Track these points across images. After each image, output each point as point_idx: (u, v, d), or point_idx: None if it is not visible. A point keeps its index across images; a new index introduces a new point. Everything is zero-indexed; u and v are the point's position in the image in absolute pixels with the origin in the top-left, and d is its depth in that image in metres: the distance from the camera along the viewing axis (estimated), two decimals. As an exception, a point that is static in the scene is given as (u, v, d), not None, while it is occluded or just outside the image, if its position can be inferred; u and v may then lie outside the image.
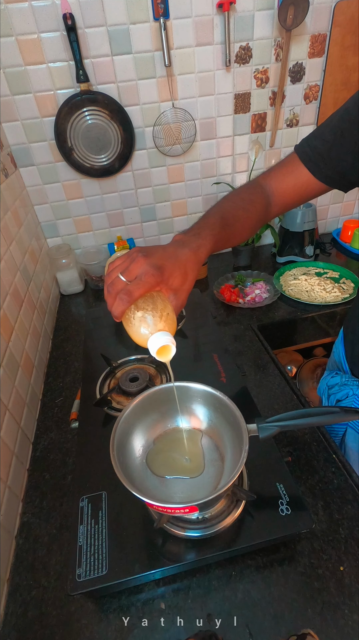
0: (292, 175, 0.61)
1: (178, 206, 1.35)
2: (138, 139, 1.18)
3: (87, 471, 0.63)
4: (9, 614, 0.53)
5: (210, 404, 0.60)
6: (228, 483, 0.46)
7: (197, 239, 0.51)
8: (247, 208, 0.60)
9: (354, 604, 0.50)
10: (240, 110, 1.21)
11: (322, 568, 0.53)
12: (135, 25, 1.01)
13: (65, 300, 1.30)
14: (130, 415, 0.57)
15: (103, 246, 1.37)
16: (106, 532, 0.54)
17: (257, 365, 0.92)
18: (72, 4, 0.95)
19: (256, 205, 0.61)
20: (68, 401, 0.87)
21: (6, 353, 0.77)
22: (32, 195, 1.21)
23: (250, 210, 0.60)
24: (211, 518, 0.54)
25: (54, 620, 0.52)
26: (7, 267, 0.87)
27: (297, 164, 0.60)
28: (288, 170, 0.62)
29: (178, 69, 1.10)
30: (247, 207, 0.60)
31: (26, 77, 1.02)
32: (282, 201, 0.64)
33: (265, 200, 0.62)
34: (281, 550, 0.56)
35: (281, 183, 0.63)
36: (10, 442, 0.70)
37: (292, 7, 1.04)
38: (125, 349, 0.92)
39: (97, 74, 1.06)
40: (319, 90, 1.23)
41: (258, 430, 0.52)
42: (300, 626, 0.48)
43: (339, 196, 1.48)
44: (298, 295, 1.16)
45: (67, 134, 1.11)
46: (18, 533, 0.63)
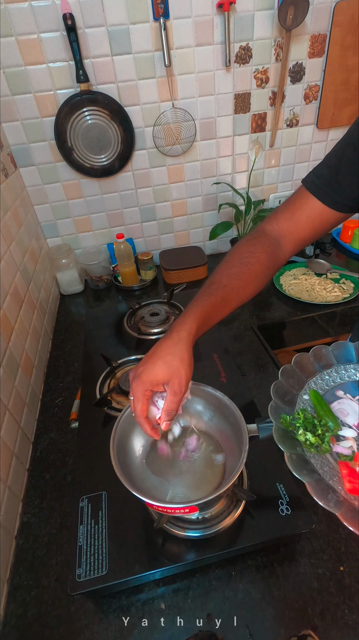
0: (303, 209, 0.59)
1: (178, 206, 1.35)
2: (138, 139, 1.18)
3: (87, 471, 0.63)
4: (9, 614, 0.53)
5: (210, 404, 0.60)
6: (228, 483, 0.46)
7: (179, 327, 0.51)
8: (245, 262, 0.57)
9: (354, 604, 0.50)
10: (240, 110, 1.21)
11: (322, 568, 0.53)
12: (135, 25, 1.01)
13: (65, 300, 1.30)
14: (130, 416, 0.57)
15: (103, 246, 1.37)
16: (106, 532, 0.54)
17: (257, 365, 0.92)
18: (72, 4, 0.95)
19: (256, 255, 0.58)
20: (68, 401, 0.87)
21: (6, 353, 0.77)
22: (32, 195, 1.21)
23: (249, 262, 0.58)
24: (211, 518, 0.54)
25: (54, 620, 0.52)
26: (7, 267, 0.87)
27: (307, 196, 0.58)
28: (298, 205, 0.60)
29: (178, 69, 1.10)
30: (245, 261, 0.58)
31: (26, 77, 1.02)
32: (296, 239, 0.61)
33: (269, 247, 0.59)
34: (281, 550, 0.56)
35: (291, 221, 0.60)
36: (10, 442, 0.70)
37: (292, 7, 1.03)
38: (125, 349, 0.92)
39: (97, 74, 1.06)
40: (319, 90, 1.23)
41: (258, 430, 0.52)
42: (300, 626, 0.48)
43: (339, 196, 1.48)
44: (298, 295, 1.16)
45: (67, 134, 1.11)
46: (18, 533, 0.63)
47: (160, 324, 0.97)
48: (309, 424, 0.43)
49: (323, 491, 0.37)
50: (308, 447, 0.42)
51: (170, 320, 0.98)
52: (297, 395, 0.49)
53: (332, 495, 0.36)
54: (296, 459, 0.40)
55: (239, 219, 1.30)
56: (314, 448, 0.42)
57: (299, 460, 0.40)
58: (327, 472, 0.40)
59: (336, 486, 0.38)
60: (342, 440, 0.44)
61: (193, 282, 1.30)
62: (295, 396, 0.49)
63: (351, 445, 0.43)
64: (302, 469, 0.39)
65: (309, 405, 0.48)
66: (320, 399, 0.48)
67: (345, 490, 0.37)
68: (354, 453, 0.42)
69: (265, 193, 1.41)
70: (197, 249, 1.40)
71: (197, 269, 1.30)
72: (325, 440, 0.42)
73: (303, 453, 0.41)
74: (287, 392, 0.49)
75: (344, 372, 0.52)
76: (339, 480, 0.39)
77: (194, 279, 1.31)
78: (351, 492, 0.37)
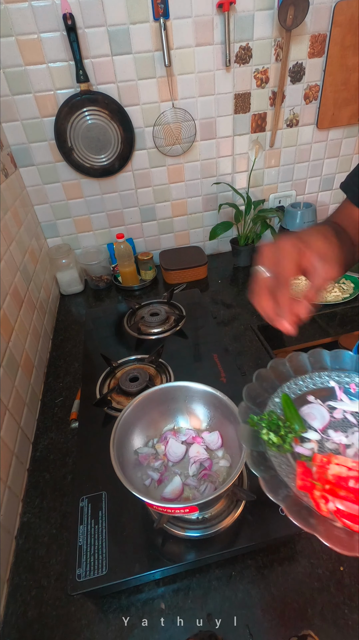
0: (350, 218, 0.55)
1: (178, 206, 1.35)
2: (138, 139, 1.18)
3: (87, 471, 0.63)
4: (9, 614, 0.53)
5: (210, 404, 0.60)
6: (228, 483, 0.46)
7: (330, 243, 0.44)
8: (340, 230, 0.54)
9: (354, 604, 0.50)
10: (240, 110, 1.21)
11: (322, 568, 0.53)
12: (135, 25, 1.01)
13: (65, 300, 1.30)
14: (130, 415, 0.57)
15: (103, 246, 1.37)
16: (106, 532, 0.54)
17: (257, 365, 0.91)
18: (72, 4, 0.95)
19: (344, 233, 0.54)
20: (68, 401, 0.87)
21: (6, 353, 0.77)
22: (32, 195, 1.21)
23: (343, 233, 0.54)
24: (211, 518, 0.54)
25: (53, 620, 0.52)
26: (7, 267, 0.87)
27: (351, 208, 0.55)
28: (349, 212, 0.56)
29: (178, 69, 1.10)
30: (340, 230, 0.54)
31: (26, 77, 1.02)
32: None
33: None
34: (281, 550, 0.56)
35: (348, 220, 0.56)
36: (10, 442, 0.70)
37: (292, 7, 1.03)
38: (125, 349, 0.92)
39: (97, 74, 1.06)
40: (319, 90, 1.23)
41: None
42: (300, 626, 0.48)
43: (339, 196, 1.48)
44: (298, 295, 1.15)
45: (67, 134, 1.11)
46: (18, 533, 0.63)
47: (160, 324, 0.97)
48: (274, 425, 0.45)
49: (275, 486, 0.38)
50: (271, 446, 0.44)
51: (170, 320, 0.98)
52: (269, 398, 0.50)
53: (283, 491, 0.38)
54: (257, 456, 0.42)
55: (239, 219, 1.30)
56: (276, 447, 0.44)
57: (260, 457, 0.42)
58: (284, 470, 0.42)
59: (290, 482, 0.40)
60: (306, 442, 0.47)
61: (193, 282, 1.30)
62: (267, 398, 0.50)
63: (312, 447, 0.45)
64: (260, 465, 0.41)
65: (279, 407, 0.50)
66: (289, 403, 0.49)
67: (296, 487, 0.39)
68: (313, 454, 0.44)
69: (265, 193, 1.41)
70: (197, 249, 1.40)
71: (197, 269, 1.30)
72: (287, 440, 0.44)
73: (264, 451, 0.43)
74: (259, 395, 0.50)
75: (318, 378, 0.54)
76: (293, 478, 0.41)
77: (194, 279, 1.31)
78: (301, 488, 0.39)
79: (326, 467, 0.41)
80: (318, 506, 0.37)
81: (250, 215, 1.30)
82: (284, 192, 1.42)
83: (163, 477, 0.55)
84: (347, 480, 0.39)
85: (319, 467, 0.41)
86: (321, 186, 1.45)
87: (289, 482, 0.40)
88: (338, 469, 0.40)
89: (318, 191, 1.46)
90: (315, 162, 1.38)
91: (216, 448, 0.58)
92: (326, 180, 1.44)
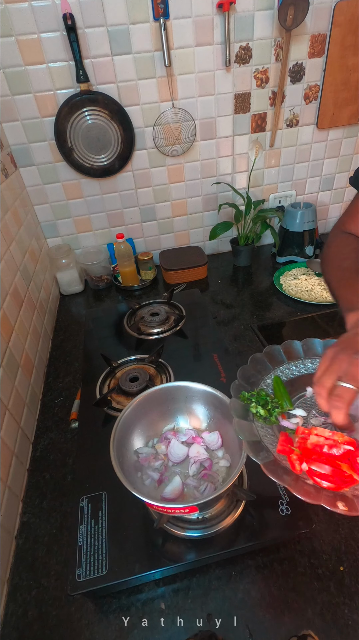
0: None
1: (178, 206, 1.35)
2: (138, 139, 1.18)
3: (87, 471, 0.63)
4: (9, 614, 0.53)
5: (210, 404, 0.60)
6: (228, 483, 0.46)
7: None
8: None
9: (354, 604, 0.50)
10: (240, 110, 1.21)
11: (322, 568, 0.53)
12: (135, 25, 1.01)
13: (65, 300, 1.30)
14: (130, 415, 0.57)
15: (103, 246, 1.37)
16: (106, 532, 0.54)
17: (257, 365, 0.91)
18: (72, 4, 0.95)
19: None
20: (68, 401, 0.87)
21: (6, 353, 0.77)
22: (32, 195, 1.21)
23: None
24: (211, 518, 0.54)
25: (54, 620, 0.52)
26: (7, 267, 0.87)
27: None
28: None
29: (178, 69, 1.10)
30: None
31: (26, 77, 1.02)
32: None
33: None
34: (281, 550, 0.56)
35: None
36: (10, 442, 0.70)
37: (292, 7, 1.03)
38: (125, 349, 0.92)
39: (97, 74, 1.06)
40: (319, 90, 1.23)
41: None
42: (300, 626, 0.48)
43: (339, 196, 1.48)
44: (299, 295, 1.16)
45: (67, 134, 1.11)
46: (18, 533, 0.63)
47: (160, 324, 0.97)
48: (262, 400, 0.51)
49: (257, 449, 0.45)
50: (258, 418, 0.50)
51: (170, 320, 0.98)
52: (262, 379, 0.56)
53: (264, 453, 0.44)
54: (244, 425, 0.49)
55: (239, 219, 1.30)
56: (262, 419, 0.50)
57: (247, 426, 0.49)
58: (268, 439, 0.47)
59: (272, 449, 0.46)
60: (292, 417, 0.52)
61: (193, 282, 1.30)
62: (259, 380, 0.55)
63: (297, 422, 0.51)
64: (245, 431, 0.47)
65: (271, 388, 0.55)
66: (280, 383, 0.54)
67: (276, 451, 0.45)
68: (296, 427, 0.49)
69: (265, 193, 1.41)
70: (197, 249, 1.40)
71: (197, 269, 1.30)
72: (273, 414, 0.50)
73: (252, 421, 0.50)
74: (252, 375, 0.56)
75: (310, 364, 0.58)
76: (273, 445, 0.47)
77: (194, 279, 1.31)
78: (280, 452, 0.45)
79: (307, 437, 0.46)
80: (293, 466, 0.43)
81: (250, 215, 1.30)
82: (284, 192, 1.42)
83: (163, 477, 0.55)
84: (322, 447, 0.44)
85: (301, 439, 0.46)
86: (321, 186, 1.45)
87: (271, 448, 0.46)
88: (316, 438, 0.45)
89: (318, 191, 1.46)
90: (315, 162, 1.38)
91: (216, 448, 0.58)
92: (326, 180, 1.44)
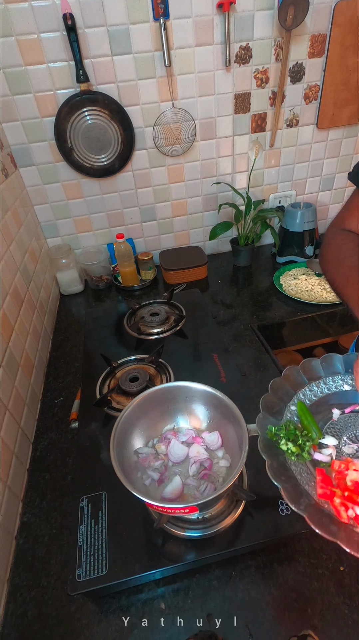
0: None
1: (178, 206, 1.35)
2: (138, 139, 1.18)
3: (87, 471, 0.63)
4: (9, 614, 0.53)
5: (210, 404, 0.60)
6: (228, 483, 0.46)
7: None
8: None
9: (354, 604, 0.50)
10: (240, 110, 1.21)
11: (322, 568, 0.53)
12: (135, 26, 1.01)
13: (65, 300, 1.30)
14: (130, 415, 0.57)
15: (103, 246, 1.37)
16: (106, 532, 0.54)
17: (257, 365, 0.91)
18: (72, 4, 0.95)
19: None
20: (68, 401, 0.87)
21: (6, 353, 0.77)
22: (32, 195, 1.21)
23: None
24: (211, 518, 0.54)
25: (54, 620, 0.52)
26: (7, 267, 0.87)
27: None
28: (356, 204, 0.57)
29: (178, 69, 1.10)
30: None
31: (26, 77, 1.02)
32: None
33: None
34: (281, 550, 0.56)
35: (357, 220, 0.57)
36: (10, 442, 0.70)
37: (292, 7, 1.03)
38: (125, 349, 0.92)
39: (97, 74, 1.06)
40: (319, 90, 1.23)
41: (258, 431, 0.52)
42: (300, 626, 0.48)
43: (339, 196, 1.48)
44: (298, 295, 1.16)
45: (67, 134, 1.11)
46: (18, 533, 0.63)
47: (160, 324, 0.97)
48: (292, 434, 0.46)
49: (296, 496, 0.40)
50: (289, 455, 0.45)
51: (170, 320, 0.98)
52: (285, 406, 0.52)
53: (304, 500, 0.39)
54: (277, 467, 0.43)
55: (239, 219, 1.30)
56: (295, 456, 0.45)
57: (280, 468, 0.43)
58: (304, 478, 0.43)
59: (311, 491, 0.41)
60: (324, 447, 0.47)
61: (193, 282, 1.30)
62: (283, 407, 0.52)
63: (330, 453, 0.46)
64: (281, 475, 0.42)
65: (296, 415, 0.50)
66: (305, 410, 0.50)
67: (317, 495, 0.40)
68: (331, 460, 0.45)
69: (265, 193, 1.41)
70: (197, 249, 1.40)
71: (197, 269, 1.30)
72: (305, 449, 0.45)
73: (284, 461, 0.45)
74: (275, 404, 0.52)
75: (332, 383, 0.54)
76: (313, 486, 0.42)
77: (194, 279, 1.31)
78: (322, 497, 0.40)
79: (345, 473, 0.42)
80: (339, 513, 0.38)
81: (250, 215, 1.30)
82: (284, 192, 1.42)
83: (163, 477, 0.55)
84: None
85: (338, 474, 0.42)
86: (321, 186, 1.45)
87: (310, 490, 0.41)
88: (356, 474, 0.41)
89: (318, 191, 1.46)
90: (315, 162, 1.38)
91: (216, 448, 0.58)
92: (326, 180, 1.44)
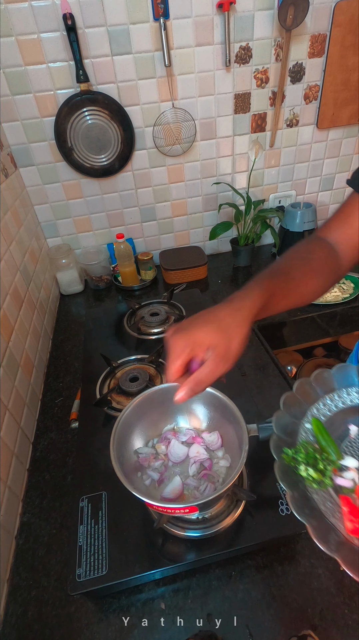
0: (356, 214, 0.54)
1: (178, 206, 1.35)
2: (138, 139, 1.18)
3: (87, 471, 0.63)
4: (9, 614, 0.53)
5: (210, 404, 0.60)
6: (228, 483, 0.46)
7: (244, 296, 0.47)
8: (304, 257, 0.54)
9: (354, 604, 0.50)
10: (240, 110, 1.21)
11: (322, 568, 0.53)
12: (135, 26, 1.01)
13: (65, 300, 1.30)
14: (130, 415, 0.57)
15: (103, 246, 1.37)
16: (106, 532, 0.54)
17: (257, 365, 0.91)
18: (72, 4, 0.95)
19: (315, 253, 0.54)
20: (68, 401, 0.87)
21: (6, 353, 0.77)
22: (32, 195, 1.21)
23: (308, 258, 0.54)
24: (211, 518, 0.54)
25: (54, 620, 0.52)
26: (7, 267, 0.87)
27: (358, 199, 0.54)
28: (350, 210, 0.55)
29: (178, 69, 1.10)
30: (303, 256, 0.54)
31: (26, 77, 1.02)
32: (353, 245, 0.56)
33: (326, 248, 0.55)
34: (281, 550, 0.56)
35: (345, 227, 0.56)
36: (10, 442, 0.70)
37: (292, 7, 1.03)
38: (125, 349, 0.92)
39: (97, 74, 1.06)
40: (319, 90, 1.23)
41: (258, 431, 0.52)
42: (300, 626, 0.48)
43: (339, 196, 1.48)
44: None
45: (67, 134, 1.11)
46: (18, 533, 0.63)
47: (160, 324, 0.97)
48: (311, 458, 0.42)
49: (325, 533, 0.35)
50: (310, 482, 0.40)
51: (170, 320, 0.98)
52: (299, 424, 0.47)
53: (333, 536, 0.35)
54: (299, 497, 0.38)
55: (239, 219, 1.30)
56: (316, 484, 0.40)
57: (302, 498, 0.39)
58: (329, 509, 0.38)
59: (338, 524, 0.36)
60: (344, 470, 0.42)
61: (193, 282, 1.30)
62: (297, 425, 0.47)
63: (353, 477, 0.42)
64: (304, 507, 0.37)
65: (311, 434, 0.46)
66: (321, 428, 0.46)
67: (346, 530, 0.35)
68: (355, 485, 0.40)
69: (265, 193, 1.41)
70: (197, 249, 1.40)
71: (197, 269, 1.30)
72: (327, 474, 0.41)
73: (305, 489, 0.40)
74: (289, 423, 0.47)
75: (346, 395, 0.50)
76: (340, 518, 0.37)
77: (194, 279, 1.31)
78: (353, 533, 0.35)
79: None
80: None
81: (250, 215, 1.30)
82: (284, 192, 1.42)
83: (163, 477, 0.55)
84: None
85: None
86: (321, 186, 1.45)
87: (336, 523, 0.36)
88: None
89: (318, 191, 1.46)
90: (315, 162, 1.38)
91: (216, 448, 0.58)
92: (326, 180, 1.44)
